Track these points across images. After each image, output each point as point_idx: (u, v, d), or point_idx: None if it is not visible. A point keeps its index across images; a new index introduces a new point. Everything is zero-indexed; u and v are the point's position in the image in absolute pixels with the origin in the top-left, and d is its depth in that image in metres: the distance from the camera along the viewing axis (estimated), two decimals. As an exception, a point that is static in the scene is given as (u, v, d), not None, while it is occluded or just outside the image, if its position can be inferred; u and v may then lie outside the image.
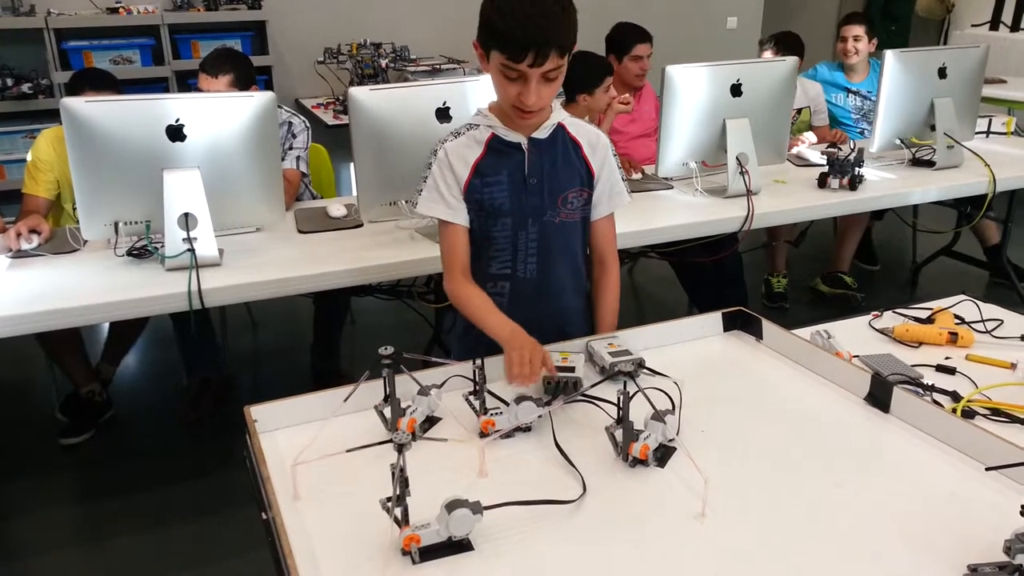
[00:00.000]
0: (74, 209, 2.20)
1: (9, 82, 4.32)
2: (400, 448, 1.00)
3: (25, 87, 4.33)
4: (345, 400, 1.32)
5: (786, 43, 3.68)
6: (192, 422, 2.86)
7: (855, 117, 3.97)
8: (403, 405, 1.32)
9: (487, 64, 1.50)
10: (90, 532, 2.37)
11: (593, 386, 1.41)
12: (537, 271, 1.68)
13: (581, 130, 1.67)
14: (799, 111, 3.80)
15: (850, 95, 3.96)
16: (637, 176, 2.96)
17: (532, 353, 1.40)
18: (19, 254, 2.28)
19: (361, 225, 2.47)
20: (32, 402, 3.03)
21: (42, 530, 2.36)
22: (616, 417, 1.28)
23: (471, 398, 1.39)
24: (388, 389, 1.32)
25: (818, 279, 3.85)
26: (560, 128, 1.63)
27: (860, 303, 3.66)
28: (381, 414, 1.36)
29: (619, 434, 1.23)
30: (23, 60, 4.42)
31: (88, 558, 2.26)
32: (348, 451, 1.25)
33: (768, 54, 3.70)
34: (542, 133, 1.60)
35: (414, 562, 1.02)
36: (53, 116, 2.11)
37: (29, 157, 2.68)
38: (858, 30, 3.82)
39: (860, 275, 4.14)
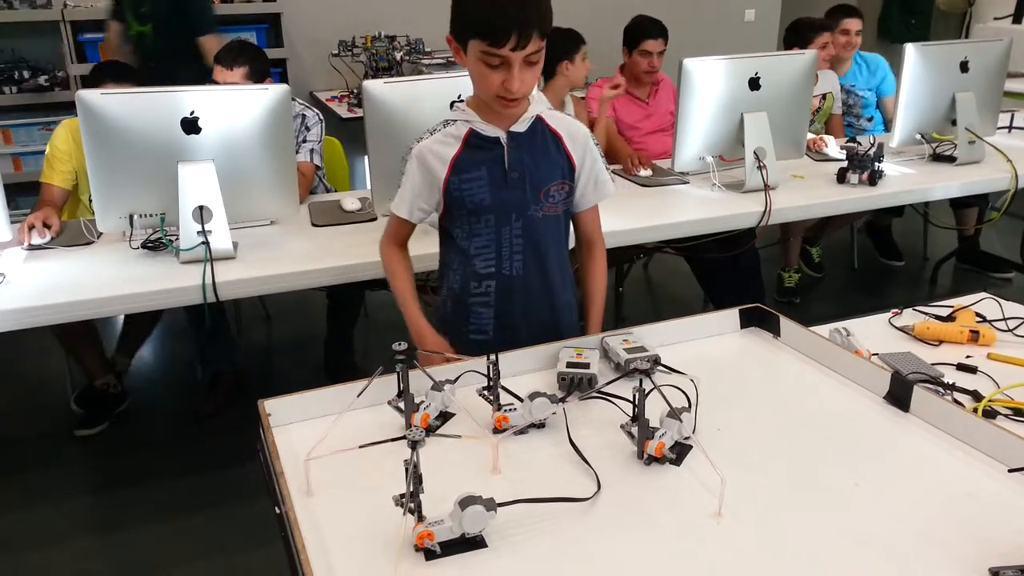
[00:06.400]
0: (90, 201, 2.21)
1: (26, 74, 4.34)
2: (413, 445, 0.99)
3: (41, 79, 4.35)
4: (359, 395, 1.31)
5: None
6: (206, 415, 2.87)
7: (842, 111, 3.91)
8: (417, 400, 1.32)
9: (463, 57, 1.49)
10: (104, 523, 2.38)
11: (608, 383, 1.40)
12: (524, 268, 1.66)
13: (561, 122, 1.65)
14: (823, 97, 3.75)
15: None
16: (646, 172, 2.93)
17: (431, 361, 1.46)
18: (31, 247, 2.29)
19: (375, 219, 2.47)
20: (48, 394, 3.05)
21: (56, 520, 2.38)
22: (631, 414, 1.27)
23: (485, 393, 1.38)
24: (402, 384, 1.32)
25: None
26: (539, 120, 1.61)
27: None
28: (396, 408, 1.36)
29: (635, 431, 1.22)
30: (40, 52, 4.44)
31: (101, 548, 2.27)
32: (361, 447, 1.24)
33: None
34: (521, 126, 1.59)
35: (427, 559, 1.01)
36: (69, 108, 2.11)
37: (48, 147, 2.69)
38: (859, 24, 3.78)
39: (883, 272, 4.11)
